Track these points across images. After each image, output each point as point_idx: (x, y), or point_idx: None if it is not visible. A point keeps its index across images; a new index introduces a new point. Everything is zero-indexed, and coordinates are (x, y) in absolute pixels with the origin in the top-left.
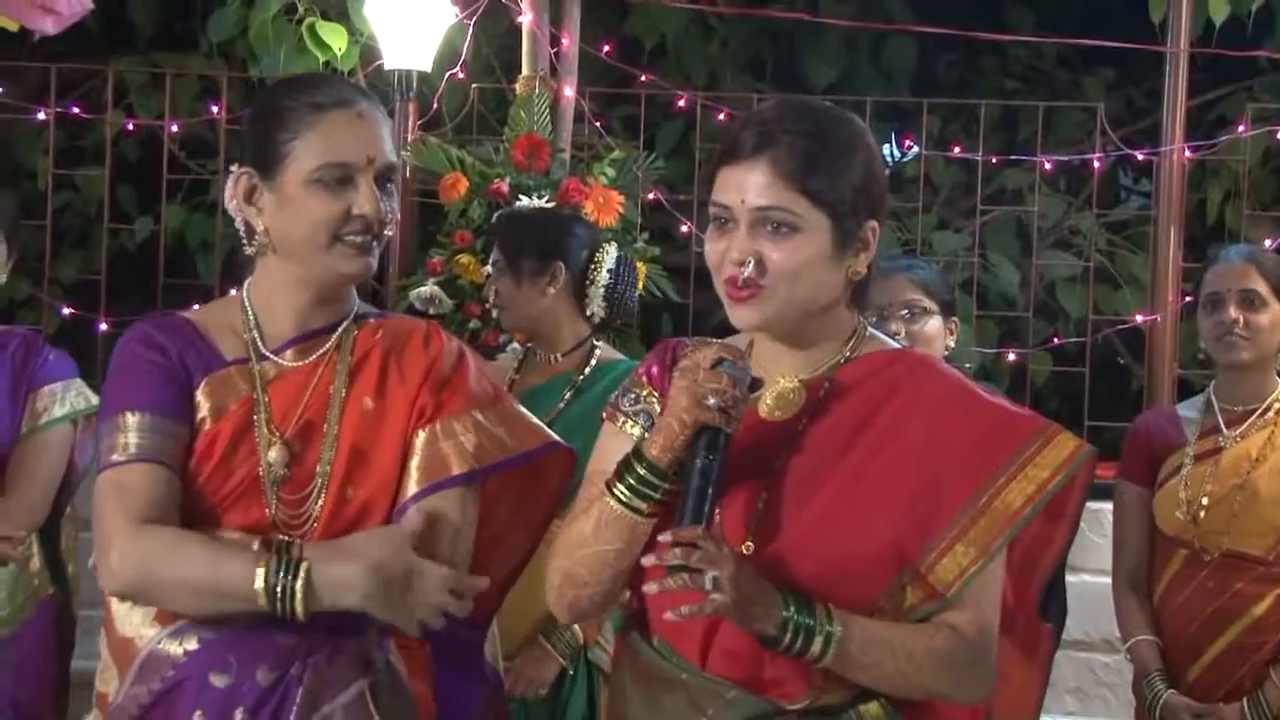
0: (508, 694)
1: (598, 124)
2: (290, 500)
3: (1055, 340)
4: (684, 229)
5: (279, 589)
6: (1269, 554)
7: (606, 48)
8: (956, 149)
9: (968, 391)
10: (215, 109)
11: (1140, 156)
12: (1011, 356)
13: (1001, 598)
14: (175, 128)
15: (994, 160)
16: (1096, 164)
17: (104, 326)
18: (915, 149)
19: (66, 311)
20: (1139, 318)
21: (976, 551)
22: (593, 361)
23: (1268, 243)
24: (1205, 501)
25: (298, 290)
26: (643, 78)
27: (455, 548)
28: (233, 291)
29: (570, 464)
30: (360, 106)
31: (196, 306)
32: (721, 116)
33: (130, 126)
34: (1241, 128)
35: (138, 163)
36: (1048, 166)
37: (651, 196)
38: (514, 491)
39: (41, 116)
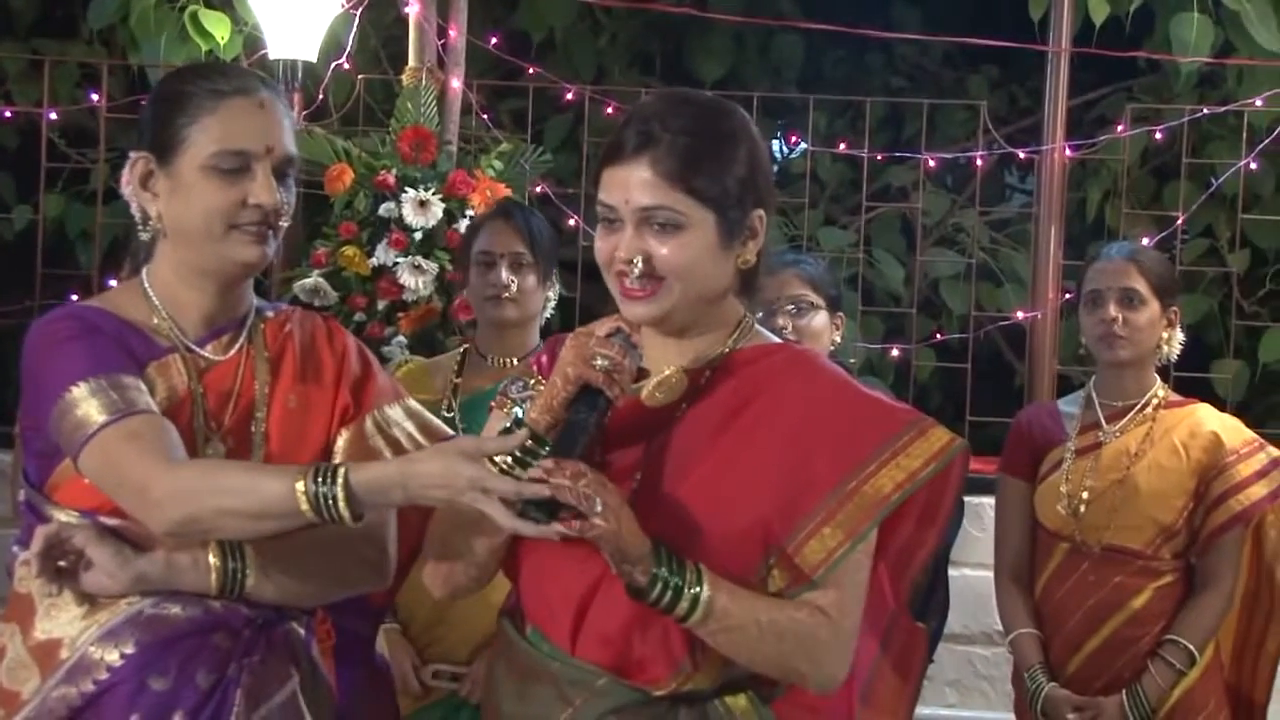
0: (465, 699)
1: (485, 116)
2: None
3: (938, 336)
4: (572, 223)
5: (320, 497)
6: (1148, 548)
7: (494, 40)
8: (843, 145)
9: (845, 384)
10: (95, 97)
11: (1022, 155)
12: (895, 352)
13: (881, 598)
14: (54, 115)
15: (880, 157)
16: (979, 162)
17: None
18: (802, 145)
19: None
20: (1020, 315)
21: (844, 534)
22: None
23: (1145, 240)
24: (1086, 496)
25: (199, 281)
26: (530, 71)
27: (389, 542)
28: (112, 283)
29: None
30: (262, 95)
31: (75, 297)
32: (610, 110)
33: (8, 114)
34: (1121, 127)
35: (16, 151)
36: (932, 164)
37: (539, 190)
38: None
39: None
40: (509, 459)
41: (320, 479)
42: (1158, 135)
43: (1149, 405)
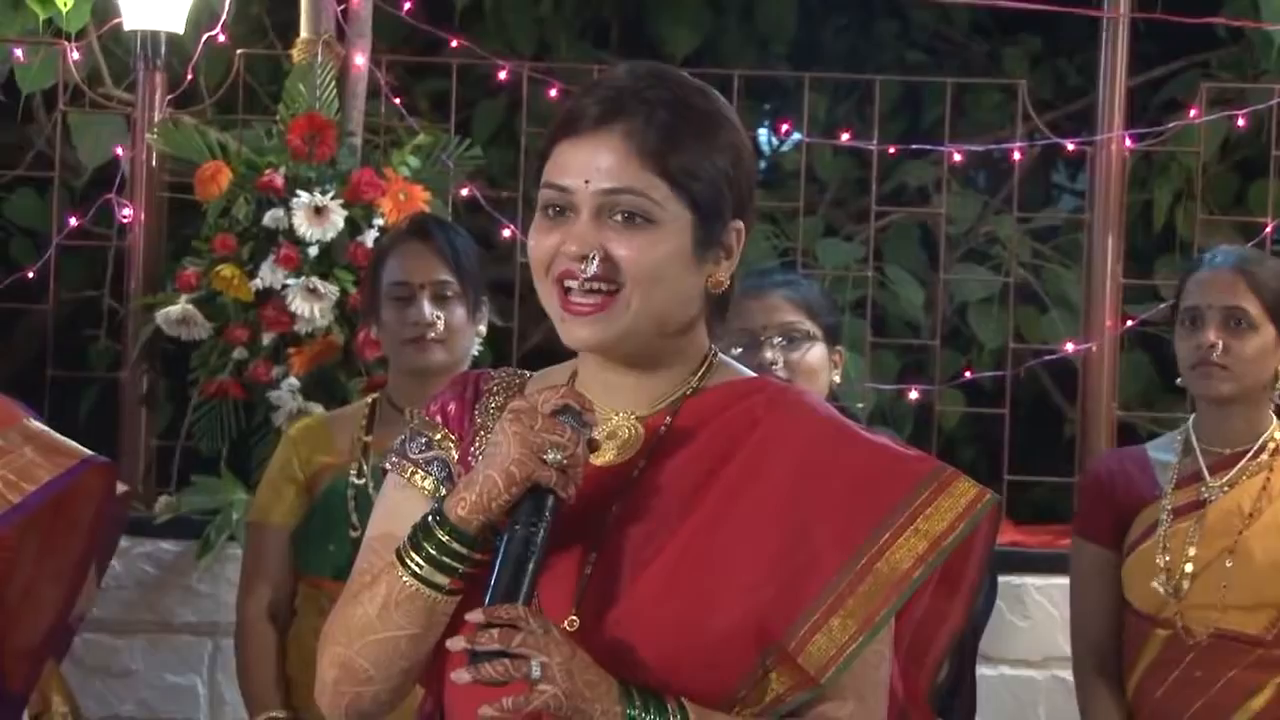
0: None
1: (397, 101)
2: None
3: (968, 375)
4: (507, 234)
5: None
6: (1268, 633)
7: (408, 5)
8: (846, 136)
9: (842, 428)
10: None
11: (1071, 146)
12: (915, 395)
13: (891, 688)
14: None
15: (892, 150)
16: (1018, 155)
17: None
18: (795, 135)
19: None
20: (1070, 347)
21: (857, 625)
22: None
23: None
24: (1189, 569)
25: None
26: (454, 44)
27: None
28: None
29: (108, 487)
30: None
31: None
32: (554, 93)
33: None
34: (1194, 112)
35: None
36: (958, 158)
37: (466, 193)
38: (39, 533)
39: None
40: (421, 561)
41: None
42: (1240, 121)
43: (1264, 452)
